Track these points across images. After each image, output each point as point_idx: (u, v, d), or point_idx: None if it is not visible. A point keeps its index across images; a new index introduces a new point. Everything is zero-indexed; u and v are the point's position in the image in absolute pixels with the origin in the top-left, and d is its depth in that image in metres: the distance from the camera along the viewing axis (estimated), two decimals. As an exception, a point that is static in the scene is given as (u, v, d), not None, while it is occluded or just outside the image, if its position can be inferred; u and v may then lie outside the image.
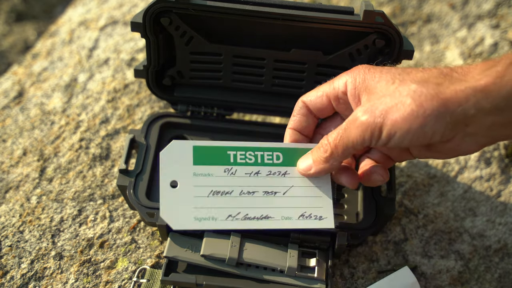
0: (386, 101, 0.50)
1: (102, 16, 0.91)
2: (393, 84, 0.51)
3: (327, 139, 0.55)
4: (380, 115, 0.50)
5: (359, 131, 0.51)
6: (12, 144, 0.75)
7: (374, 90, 0.52)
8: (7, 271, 0.63)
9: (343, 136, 0.53)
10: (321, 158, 0.56)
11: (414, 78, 0.50)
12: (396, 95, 0.49)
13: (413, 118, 0.48)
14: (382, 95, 0.50)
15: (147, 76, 0.67)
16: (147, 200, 0.62)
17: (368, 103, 0.51)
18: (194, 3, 0.59)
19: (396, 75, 0.51)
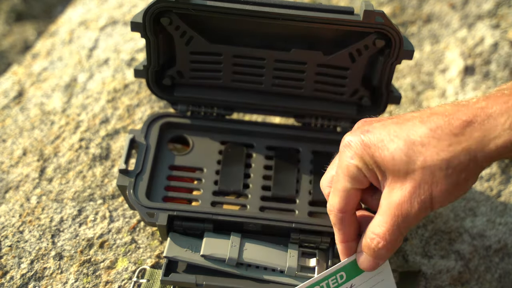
0: (424, 188, 0.48)
1: (102, 16, 0.91)
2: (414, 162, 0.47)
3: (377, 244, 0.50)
4: (425, 201, 0.48)
5: (414, 222, 0.49)
6: (12, 144, 0.75)
7: (394, 171, 0.49)
8: (7, 271, 0.63)
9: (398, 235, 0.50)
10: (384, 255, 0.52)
11: (434, 149, 0.47)
12: (428, 178, 0.47)
13: (457, 192, 0.48)
14: (414, 181, 0.48)
15: (147, 76, 0.67)
16: (147, 200, 0.62)
17: (401, 191, 0.48)
18: (194, 3, 0.59)
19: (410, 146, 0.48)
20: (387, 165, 0.49)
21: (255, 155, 0.69)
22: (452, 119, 0.47)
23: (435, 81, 0.86)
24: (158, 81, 0.68)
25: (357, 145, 0.50)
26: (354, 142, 0.51)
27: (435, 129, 0.47)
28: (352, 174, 0.51)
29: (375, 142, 0.49)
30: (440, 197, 0.48)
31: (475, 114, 0.46)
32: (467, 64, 0.88)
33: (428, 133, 0.47)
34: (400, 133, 0.48)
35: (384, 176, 0.50)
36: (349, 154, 0.51)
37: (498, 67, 0.87)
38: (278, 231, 0.61)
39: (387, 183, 0.50)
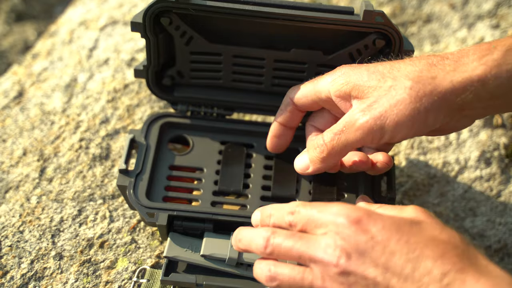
0: (383, 101, 0.50)
1: (102, 16, 0.91)
2: (385, 82, 0.50)
3: (323, 139, 0.54)
4: (380, 117, 0.49)
5: (359, 134, 0.51)
6: (12, 144, 0.75)
7: (366, 90, 0.51)
8: (7, 271, 0.63)
9: (341, 138, 0.52)
10: (318, 159, 0.56)
11: (406, 74, 0.50)
12: (392, 94, 0.49)
13: (415, 116, 0.48)
14: (377, 95, 0.50)
15: (147, 76, 0.67)
16: (147, 200, 0.62)
17: (363, 104, 0.51)
18: (194, 3, 0.59)
19: (386, 72, 0.51)
20: (361, 82, 0.52)
21: (255, 155, 0.69)
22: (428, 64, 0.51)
23: (435, 81, 0.86)
24: (158, 81, 0.68)
25: (343, 75, 0.54)
26: (342, 71, 0.55)
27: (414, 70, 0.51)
28: (319, 92, 0.56)
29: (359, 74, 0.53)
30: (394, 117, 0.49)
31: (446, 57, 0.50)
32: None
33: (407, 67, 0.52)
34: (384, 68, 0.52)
35: (354, 96, 0.53)
36: (334, 76, 0.55)
37: (498, 67, 0.87)
38: None
39: (355, 100, 0.53)
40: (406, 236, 0.44)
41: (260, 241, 0.48)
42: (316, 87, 0.56)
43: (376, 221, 0.45)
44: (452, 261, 0.42)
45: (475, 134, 0.79)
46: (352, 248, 0.44)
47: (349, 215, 0.45)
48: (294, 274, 0.46)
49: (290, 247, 0.46)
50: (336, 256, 0.44)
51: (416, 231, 0.44)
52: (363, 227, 0.44)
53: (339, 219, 0.45)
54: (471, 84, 0.48)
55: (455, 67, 0.49)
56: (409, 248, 0.43)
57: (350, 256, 0.44)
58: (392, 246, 0.43)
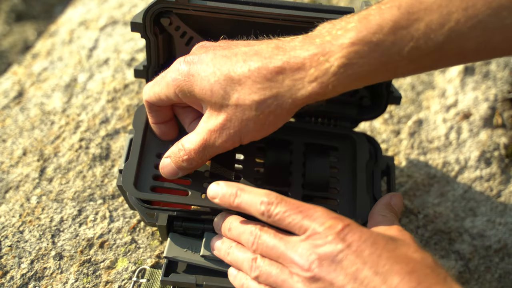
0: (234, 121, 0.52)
1: (102, 16, 0.91)
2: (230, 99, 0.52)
3: (186, 151, 0.56)
4: (235, 135, 0.53)
5: (219, 149, 0.55)
6: (12, 144, 0.75)
7: (213, 107, 0.53)
8: (7, 271, 0.63)
9: (204, 151, 0.56)
10: (185, 168, 0.58)
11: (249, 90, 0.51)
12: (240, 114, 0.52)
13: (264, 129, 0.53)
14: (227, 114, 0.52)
15: (147, 76, 0.67)
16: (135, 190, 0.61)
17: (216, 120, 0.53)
18: (194, 3, 0.59)
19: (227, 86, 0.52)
20: (205, 97, 0.53)
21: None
22: (270, 62, 0.51)
23: (435, 81, 0.86)
24: (158, 81, 0.68)
25: (181, 74, 0.54)
26: (180, 69, 0.55)
27: (252, 71, 0.51)
28: (168, 93, 0.56)
29: (198, 72, 0.53)
30: (248, 134, 0.53)
31: (287, 61, 0.50)
32: (467, 64, 0.88)
33: (246, 73, 0.51)
34: (224, 67, 0.52)
35: (204, 105, 0.55)
36: (172, 76, 0.55)
37: (498, 67, 0.87)
38: None
39: (206, 110, 0.55)
40: (380, 250, 0.46)
41: (248, 236, 0.52)
42: (162, 86, 0.57)
43: (354, 233, 0.47)
44: (419, 279, 0.44)
45: (475, 134, 0.79)
46: (326, 256, 0.46)
47: (330, 224, 0.47)
48: (272, 269, 0.50)
49: (272, 246, 0.50)
50: (309, 261, 0.47)
51: (390, 248, 0.46)
52: (341, 237, 0.47)
53: (320, 227, 0.48)
54: (313, 98, 0.50)
55: (299, 78, 0.50)
56: (379, 262, 0.45)
57: (322, 263, 0.46)
58: (364, 258, 0.45)
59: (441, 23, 0.47)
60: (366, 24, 0.48)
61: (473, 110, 0.82)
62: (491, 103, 0.83)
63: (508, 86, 0.85)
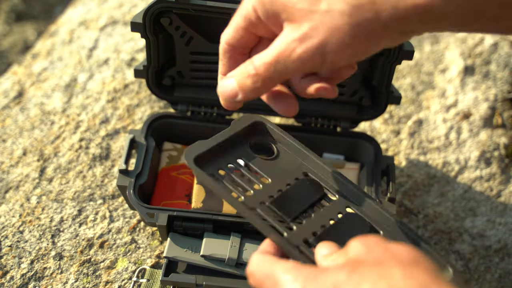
0: (320, 30, 0.44)
1: (102, 16, 0.91)
2: (319, 4, 0.44)
3: (255, 67, 0.48)
4: (319, 47, 0.44)
5: (297, 64, 0.46)
6: (12, 144, 0.75)
7: (297, 14, 0.45)
8: (7, 271, 0.63)
9: (277, 68, 0.47)
10: (250, 88, 0.49)
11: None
12: (329, 20, 0.44)
13: (355, 45, 0.44)
14: (313, 22, 0.44)
15: (147, 76, 0.67)
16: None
17: (298, 31, 0.45)
18: (194, 3, 0.59)
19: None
20: (289, 4, 0.45)
21: None
22: None
23: (435, 81, 0.86)
24: (158, 81, 0.68)
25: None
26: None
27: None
28: (248, 15, 0.48)
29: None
30: (333, 47, 0.44)
31: None
32: (467, 64, 0.88)
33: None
34: None
35: (285, 19, 0.46)
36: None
37: (498, 67, 0.87)
38: None
39: (286, 24, 0.46)
40: None
41: None
42: (241, 12, 0.49)
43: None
44: None
45: (475, 134, 0.79)
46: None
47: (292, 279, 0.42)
48: None
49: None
50: None
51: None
52: None
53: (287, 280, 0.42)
54: (416, 11, 0.43)
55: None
56: None
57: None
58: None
59: None
60: None
61: (473, 110, 0.82)
62: (491, 103, 0.83)
63: (508, 86, 0.85)
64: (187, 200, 0.65)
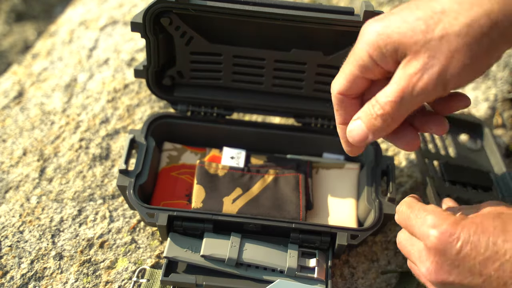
0: (438, 57, 0.44)
1: (102, 16, 0.91)
2: (434, 32, 0.44)
3: (382, 107, 0.48)
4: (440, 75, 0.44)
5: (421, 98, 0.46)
6: (12, 144, 0.75)
7: (414, 47, 0.45)
8: (7, 271, 0.63)
9: (403, 104, 0.47)
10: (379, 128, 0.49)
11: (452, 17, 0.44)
12: (446, 46, 0.44)
13: (476, 63, 0.44)
14: (430, 51, 0.44)
15: (147, 76, 0.67)
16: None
17: (417, 64, 0.45)
18: (194, 3, 0.59)
19: (428, 18, 0.44)
20: (403, 40, 0.45)
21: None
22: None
23: (435, 81, 0.86)
24: (158, 81, 0.68)
25: (375, 32, 0.47)
26: (372, 28, 0.47)
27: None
28: (362, 62, 0.48)
29: (393, 20, 0.46)
30: (455, 70, 0.44)
31: None
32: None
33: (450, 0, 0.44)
34: (422, 4, 0.45)
35: (402, 55, 0.46)
36: (364, 39, 0.47)
37: (498, 67, 0.87)
38: (278, 231, 0.61)
39: (403, 59, 0.46)
40: (493, 236, 0.46)
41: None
42: (355, 61, 0.49)
43: (462, 230, 0.46)
44: None
45: (475, 134, 0.79)
46: (443, 262, 0.47)
47: (438, 226, 0.47)
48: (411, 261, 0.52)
49: (403, 246, 0.52)
50: (430, 270, 0.48)
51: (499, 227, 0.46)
52: (450, 239, 0.46)
53: (430, 231, 0.48)
54: None
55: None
56: (498, 249, 0.45)
57: (442, 269, 0.47)
58: (482, 253, 0.45)
59: None
60: None
61: (473, 110, 0.82)
62: (491, 103, 0.83)
63: (508, 86, 0.85)
64: (187, 200, 0.65)
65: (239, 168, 0.67)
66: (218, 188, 0.65)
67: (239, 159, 0.68)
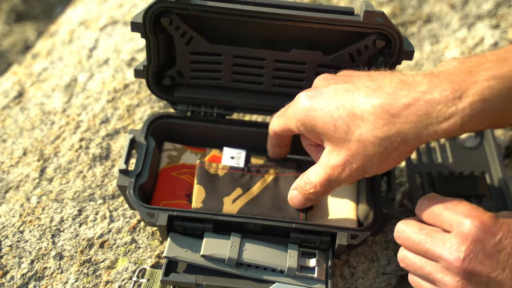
0: (356, 157, 0.53)
1: (102, 16, 0.91)
2: (353, 134, 0.52)
3: (314, 184, 0.58)
4: (357, 170, 0.54)
5: (343, 182, 0.56)
6: (12, 144, 0.75)
7: (336, 141, 0.54)
8: (7, 271, 0.63)
9: (330, 184, 0.57)
10: (311, 199, 0.60)
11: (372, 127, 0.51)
12: (362, 150, 0.52)
13: (386, 165, 0.53)
14: (349, 150, 0.53)
15: (147, 76, 0.67)
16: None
17: (339, 156, 0.54)
18: (194, 3, 0.59)
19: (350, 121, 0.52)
20: (328, 131, 0.54)
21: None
22: (394, 99, 0.50)
23: (435, 81, 0.86)
24: (158, 81, 0.68)
25: (303, 110, 0.55)
26: (302, 104, 0.56)
27: (376, 106, 0.50)
28: (292, 127, 0.58)
29: (321, 107, 0.54)
30: (370, 168, 0.53)
31: (414, 98, 0.49)
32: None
33: (369, 109, 0.51)
34: (347, 102, 0.52)
35: (325, 140, 0.55)
36: (295, 111, 0.56)
37: (498, 67, 0.87)
38: (278, 231, 0.61)
39: (327, 144, 0.55)
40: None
41: (395, 233, 0.55)
42: (286, 118, 0.59)
43: (502, 225, 0.48)
44: None
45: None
46: (479, 250, 0.47)
47: (476, 216, 0.48)
48: (416, 261, 0.52)
49: (418, 242, 0.52)
50: (461, 257, 0.48)
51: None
52: (490, 230, 0.48)
53: (466, 220, 0.48)
54: (439, 136, 0.49)
55: (426, 115, 0.49)
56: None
57: (476, 258, 0.47)
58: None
59: None
60: (503, 63, 0.47)
61: (473, 110, 0.82)
62: (491, 103, 0.83)
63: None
64: (187, 200, 0.65)
65: (239, 168, 0.67)
66: (218, 188, 0.65)
67: (239, 159, 0.68)
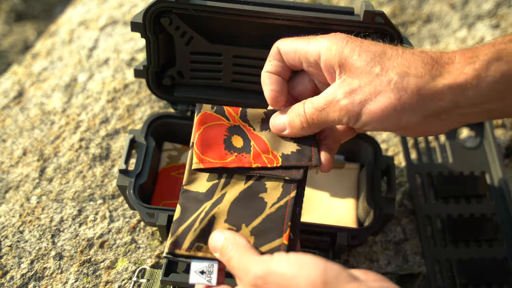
0: (366, 89, 0.50)
1: (102, 16, 0.91)
2: (373, 67, 0.50)
3: (305, 110, 0.54)
4: (360, 103, 0.51)
5: (337, 114, 0.52)
6: (12, 144, 0.75)
7: (353, 69, 0.51)
8: (7, 271, 0.63)
9: (322, 114, 0.53)
10: (298, 126, 0.56)
11: (395, 65, 0.50)
12: (376, 84, 0.50)
13: (391, 112, 0.50)
14: (363, 81, 0.50)
15: (147, 76, 0.67)
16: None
17: (347, 86, 0.51)
18: (194, 3, 0.59)
19: (377, 57, 0.51)
20: (349, 60, 0.51)
21: None
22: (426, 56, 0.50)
23: (435, 81, 0.86)
24: (158, 81, 0.68)
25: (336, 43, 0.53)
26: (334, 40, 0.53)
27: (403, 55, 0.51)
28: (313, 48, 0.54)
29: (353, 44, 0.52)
30: (372, 107, 0.50)
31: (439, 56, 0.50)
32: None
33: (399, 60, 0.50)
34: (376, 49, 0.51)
35: (341, 73, 0.52)
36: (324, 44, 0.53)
37: (498, 67, 0.87)
38: None
39: (340, 77, 0.52)
40: None
41: None
42: (308, 47, 0.55)
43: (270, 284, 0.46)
44: None
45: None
46: None
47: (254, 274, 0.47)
48: None
49: None
50: None
51: None
52: None
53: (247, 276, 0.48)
54: (451, 91, 0.49)
55: (441, 71, 0.50)
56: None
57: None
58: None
59: None
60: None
61: (473, 110, 0.82)
62: (491, 103, 0.83)
63: (508, 86, 0.85)
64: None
65: None
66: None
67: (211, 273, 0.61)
